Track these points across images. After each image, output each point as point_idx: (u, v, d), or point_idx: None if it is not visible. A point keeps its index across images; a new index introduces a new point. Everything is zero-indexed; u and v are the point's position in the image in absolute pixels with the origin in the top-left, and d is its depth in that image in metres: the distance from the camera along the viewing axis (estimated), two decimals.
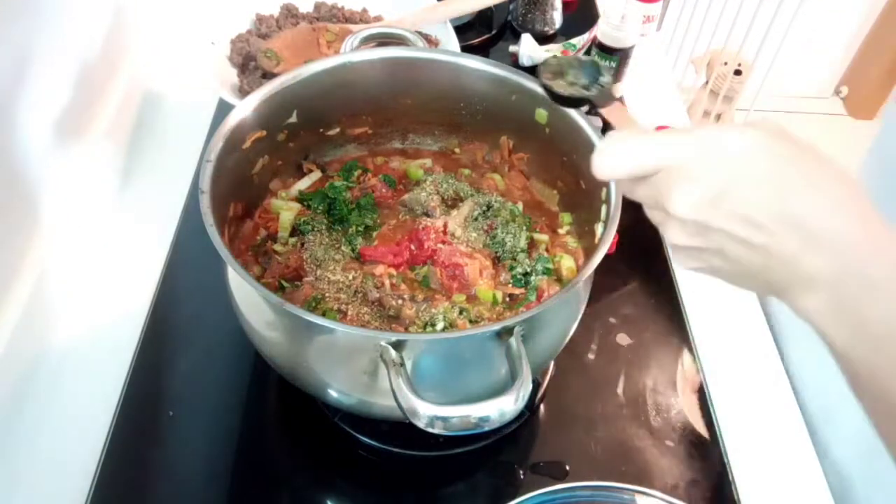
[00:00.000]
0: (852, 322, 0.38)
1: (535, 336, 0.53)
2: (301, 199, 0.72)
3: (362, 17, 1.05)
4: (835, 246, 0.36)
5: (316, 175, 0.75)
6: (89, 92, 0.86)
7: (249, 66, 0.96)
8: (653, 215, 0.43)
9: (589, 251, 0.66)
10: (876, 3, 2.36)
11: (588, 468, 0.65)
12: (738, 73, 2.15)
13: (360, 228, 0.70)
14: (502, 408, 0.44)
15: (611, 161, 0.42)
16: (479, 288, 0.65)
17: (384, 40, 0.81)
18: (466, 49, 1.03)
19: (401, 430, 0.64)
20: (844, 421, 0.71)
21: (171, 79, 1.05)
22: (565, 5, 1.21)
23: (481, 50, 1.15)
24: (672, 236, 0.41)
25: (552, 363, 0.72)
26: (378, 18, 1.05)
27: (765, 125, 0.38)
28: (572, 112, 0.63)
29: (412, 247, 0.68)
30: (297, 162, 0.74)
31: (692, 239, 0.40)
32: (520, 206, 0.74)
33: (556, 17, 1.19)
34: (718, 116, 2.27)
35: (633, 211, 0.49)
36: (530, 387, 0.46)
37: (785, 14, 1.94)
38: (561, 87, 0.55)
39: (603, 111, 0.51)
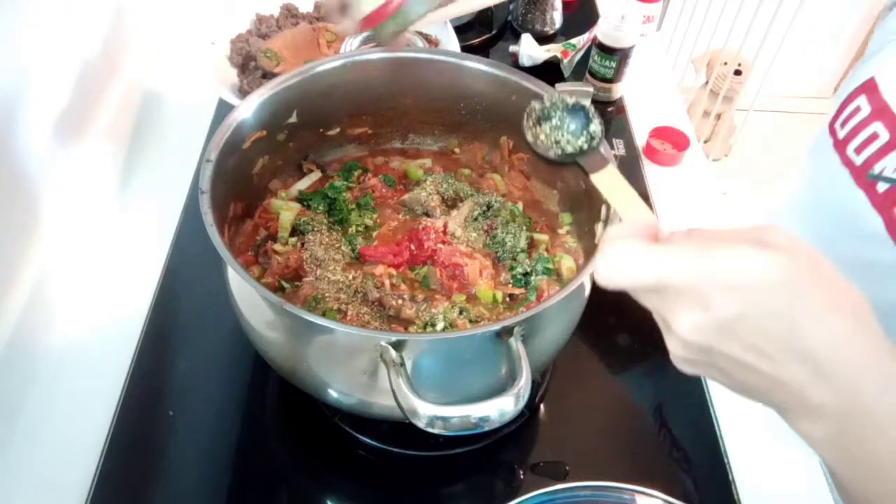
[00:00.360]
0: (850, 451, 0.38)
1: (535, 336, 0.53)
2: (301, 199, 0.72)
3: None
4: (843, 382, 0.35)
5: (316, 175, 0.75)
6: (89, 92, 0.86)
7: (249, 66, 0.96)
8: (656, 319, 0.40)
9: (589, 251, 0.66)
10: (876, 3, 2.36)
11: (588, 468, 0.65)
12: (738, 73, 2.15)
13: (360, 228, 0.70)
14: (502, 408, 0.44)
15: (610, 273, 0.38)
16: (479, 288, 0.65)
17: None
18: (466, 49, 1.04)
19: (401, 430, 0.64)
20: None
21: (171, 79, 1.05)
22: (565, 5, 1.21)
23: (481, 50, 1.15)
24: (672, 347, 0.39)
25: (552, 363, 0.72)
26: None
27: (779, 242, 0.35)
28: None
29: (412, 247, 0.68)
30: (297, 162, 0.74)
31: (694, 355, 0.38)
32: (520, 206, 0.74)
33: (556, 17, 1.19)
34: (718, 116, 2.27)
35: None
36: (530, 387, 0.46)
37: (785, 14, 1.94)
38: (544, 140, 0.51)
39: (594, 178, 0.46)
